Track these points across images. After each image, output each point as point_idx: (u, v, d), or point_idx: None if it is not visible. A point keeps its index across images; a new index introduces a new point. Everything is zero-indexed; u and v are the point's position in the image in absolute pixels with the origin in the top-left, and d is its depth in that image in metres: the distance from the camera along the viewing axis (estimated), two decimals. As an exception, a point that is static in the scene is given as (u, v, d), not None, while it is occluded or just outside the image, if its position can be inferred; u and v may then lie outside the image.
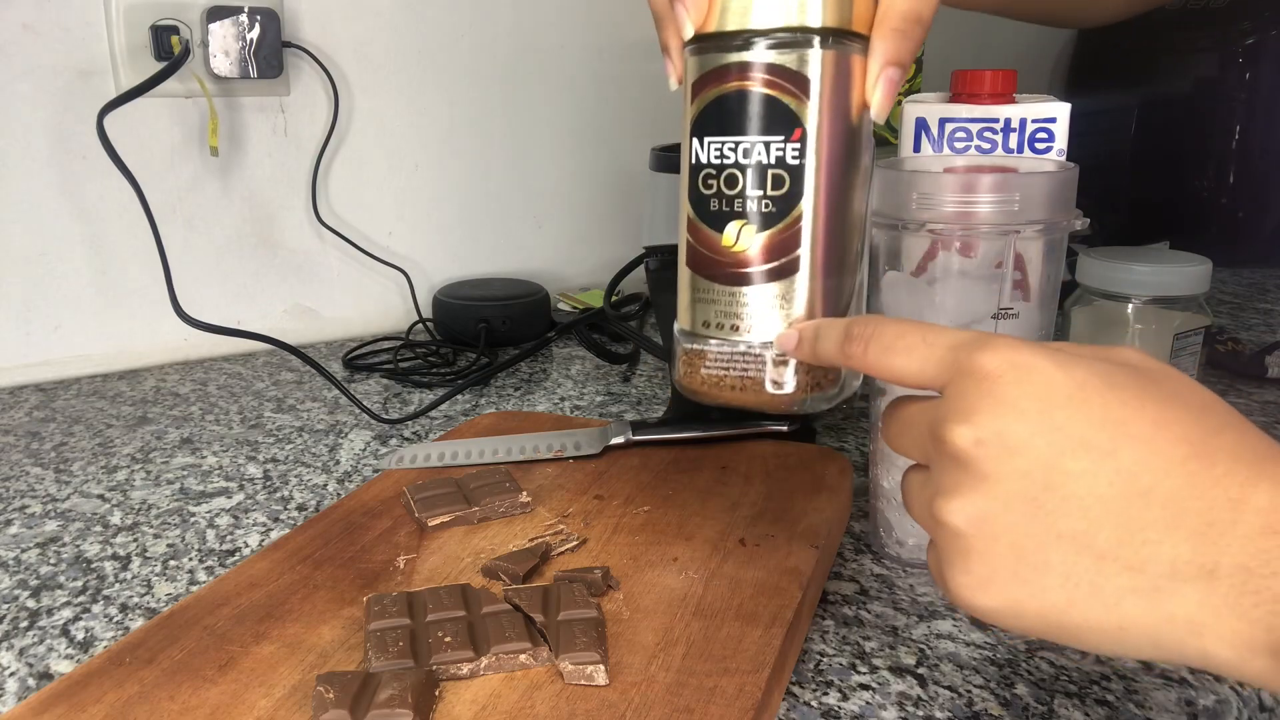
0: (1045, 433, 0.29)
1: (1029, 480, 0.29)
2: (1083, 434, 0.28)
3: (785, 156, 0.39)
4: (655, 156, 0.68)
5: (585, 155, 1.17)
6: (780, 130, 0.39)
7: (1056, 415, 0.29)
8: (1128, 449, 0.28)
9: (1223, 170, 1.29)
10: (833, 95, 0.39)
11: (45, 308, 0.89)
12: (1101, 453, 0.28)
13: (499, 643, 0.42)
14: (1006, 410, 0.29)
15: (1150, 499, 0.28)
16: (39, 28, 0.84)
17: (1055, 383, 0.29)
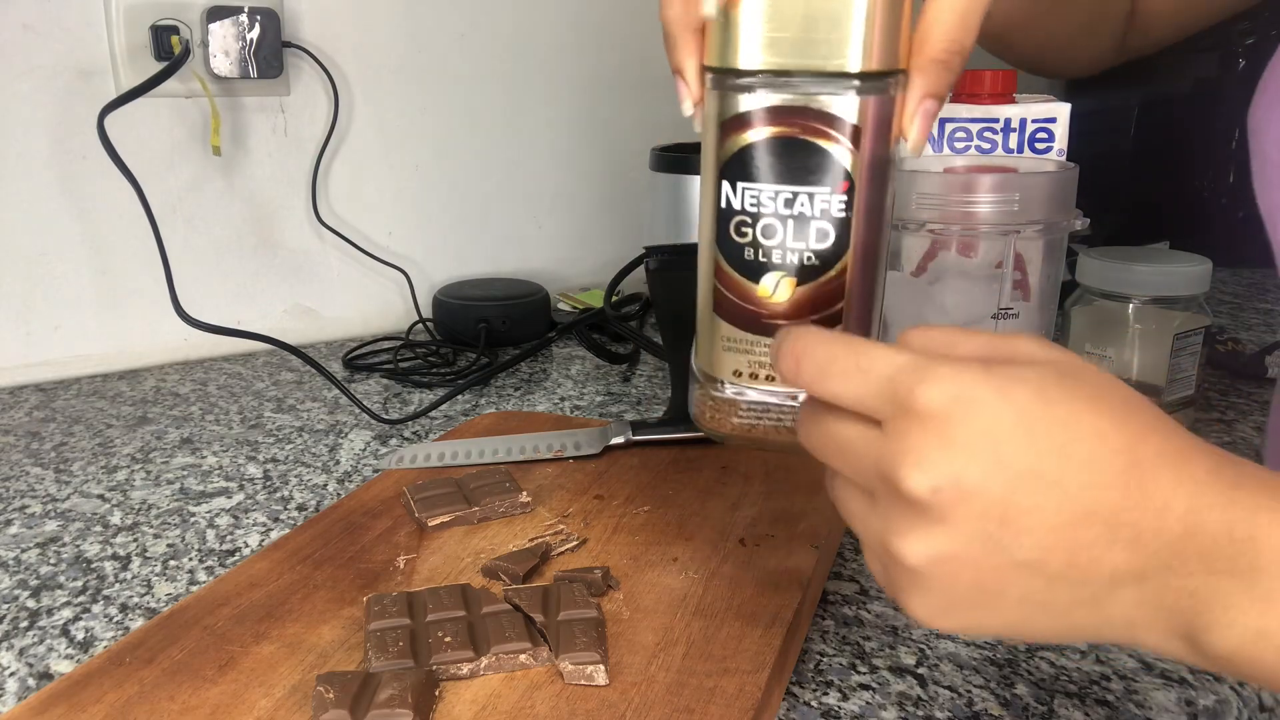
0: (998, 471, 0.30)
1: (986, 519, 0.30)
2: (1032, 465, 0.30)
3: (831, 209, 0.36)
4: (655, 156, 0.68)
5: (585, 155, 1.17)
6: (828, 182, 0.36)
7: (1005, 451, 0.30)
8: (1073, 473, 0.29)
9: (1223, 170, 1.29)
10: (875, 140, 0.36)
11: (45, 308, 0.89)
12: (1050, 482, 0.29)
13: (499, 643, 0.42)
14: (958, 453, 0.30)
15: (1094, 518, 0.29)
16: (39, 28, 0.84)
17: (1000, 415, 0.30)
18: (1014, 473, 0.30)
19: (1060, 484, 0.29)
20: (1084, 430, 0.30)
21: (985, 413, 0.30)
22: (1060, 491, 0.29)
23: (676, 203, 0.65)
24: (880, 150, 0.36)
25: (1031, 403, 0.30)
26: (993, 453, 0.30)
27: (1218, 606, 0.28)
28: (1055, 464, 0.30)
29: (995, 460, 0.30)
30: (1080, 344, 0.72)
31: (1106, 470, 0.29)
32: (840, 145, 0.35)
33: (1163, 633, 0.30)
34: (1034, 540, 0.30)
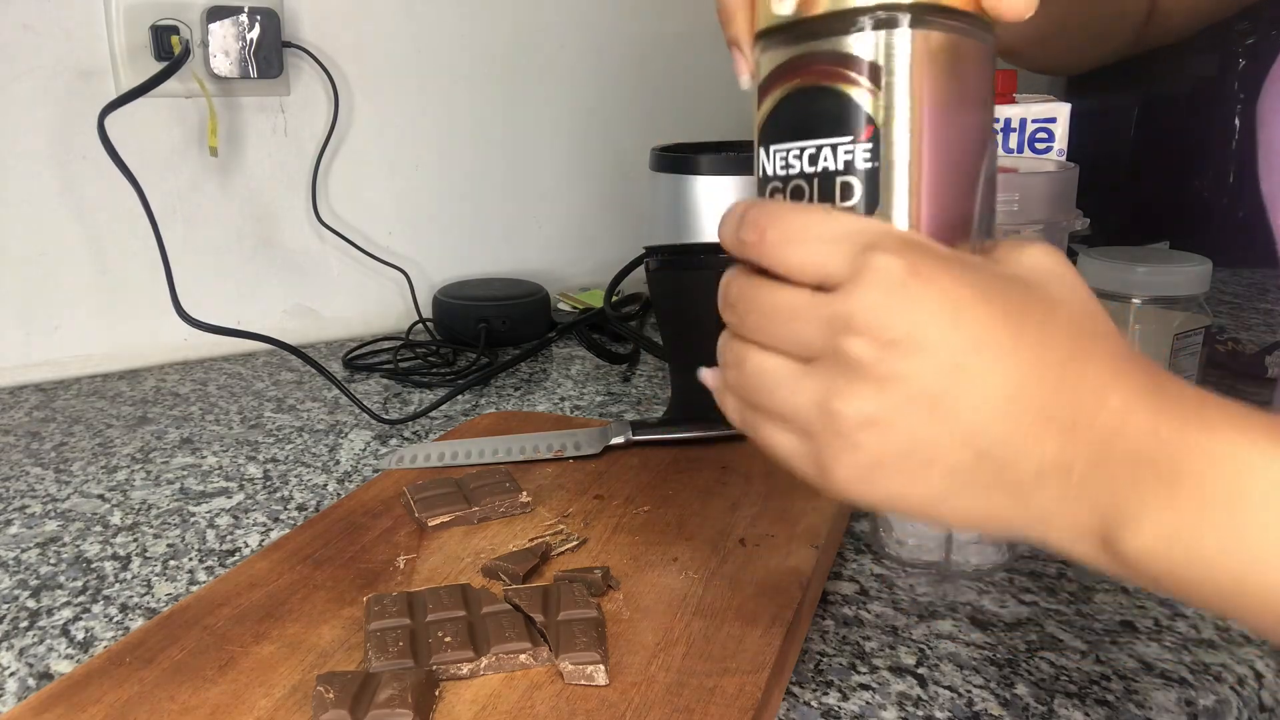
0: (955, 330, 0.30)
1: (934, 378, 0.30)
2: (986, 333, 0.30)
3: (856, 160, 0.33)
4: (655, 156, 0.68)
5: (585, 156, 1.17)
6: (848, 130, 0.33)
7: (963, 315, 0.30)
8: (1021, 348, 0.30)
9: (1223, 170, 1.29)
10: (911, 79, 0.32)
11: (45, 308, 0.89)
12: (1001, 351, 0.30)
13: (499, 643, 0.42)
14: (919, 310, 0.30)
15: (1032, 398, 0.30)
16: (39, 28, 0.84)
17: (960, 283, 0.30)
18: (969, 335, 0.30)
19: (1011, 354, 0.30)
20: (1033, 317, 0.30)
21: (946, 280, 0.30)
22: (1009, 362, 0.30)
23: (676, 203, 0.65)
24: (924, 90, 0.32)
25: (992, 283, 0.31)
26: (952, 315, 0.30)
27: (1135, 504, 0.29)
28: (1008, 338, 0.30)
29: (952, 322, 0.30)
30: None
31: (1050, 355, 0.30)
32: (858, 87, 0.32)
33: (1077, 531, 0.30)
34: (973, 407, 0.30)
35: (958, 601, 0.52)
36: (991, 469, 0.30)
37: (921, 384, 0.30)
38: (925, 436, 0.30)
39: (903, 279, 0.30)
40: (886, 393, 0.30)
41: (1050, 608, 0.52)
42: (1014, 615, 0.51)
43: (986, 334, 0.30)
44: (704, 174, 0.64)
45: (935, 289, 0.30)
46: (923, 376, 0.30)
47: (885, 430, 0.31)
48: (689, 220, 0.65)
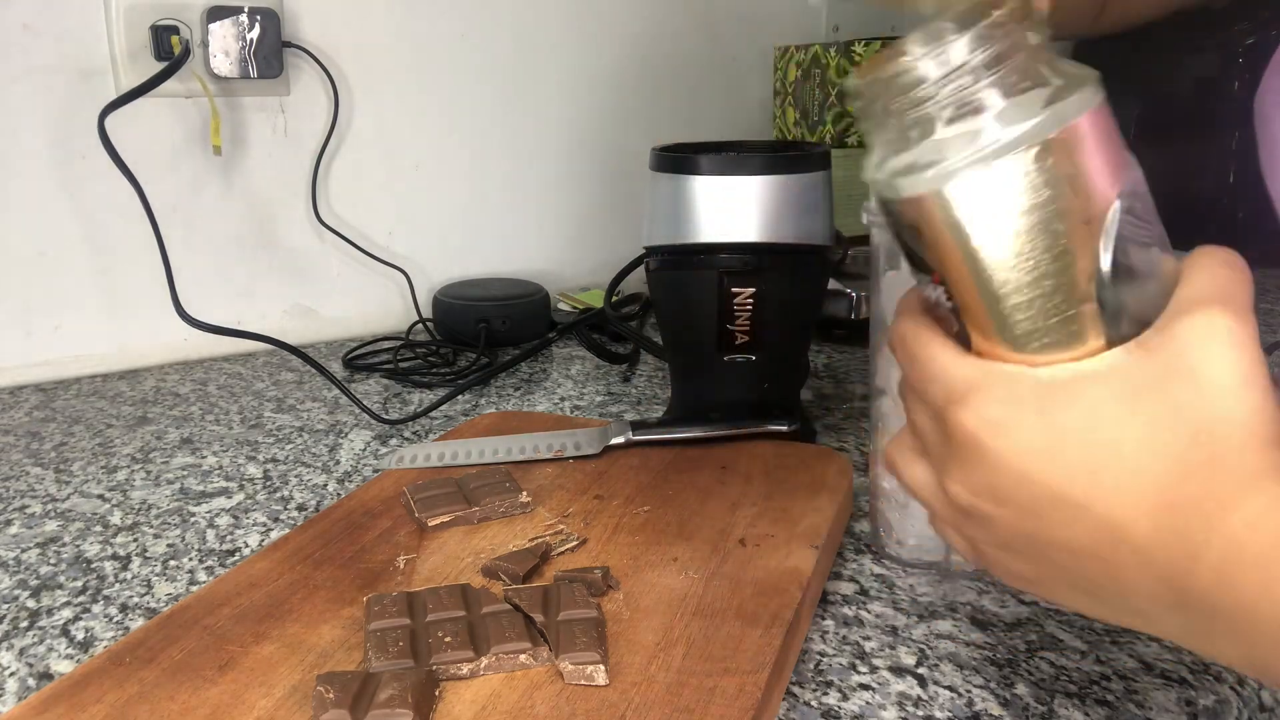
0: (1023, 486, 0.31)
1: (1021, 523, 0.32)
2: (1057, 489, 0.31)
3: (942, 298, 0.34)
4: (655, 156, 0.68)
5: (585, 155, 1.17)
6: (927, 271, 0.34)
7: (1031, 476, 0.31)
8: (1099, 501, 0.30)
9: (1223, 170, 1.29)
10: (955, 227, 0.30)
11: (45, 308, 0.89)
12: (1075, 504, 0.30)
13: (499, 643, 0.42)
14: (988, 468, 0.32)
15: (1121, 547, 0.30)
16: (39, 28, 0.84)
17: (1031, 436, 0.31)
18: (1038, 490, 0.31)
19: (1086, 508, 0.30)
20: (1123, 459, 0.29)
21: (1015, 433, 0.31)
22: (1087, 516, 0.30)
23: (676, 203, 0.65)
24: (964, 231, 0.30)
25: (1071, 424, 0.30)
26: (1020, 471, 0.31)
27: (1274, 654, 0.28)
28: (1081, 491, 0.30)
29: (1018, 482, 0.31)
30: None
31: (1136, 504, 0.29)
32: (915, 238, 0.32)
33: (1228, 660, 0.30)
34: (1066, 551, 0.31)
35: (958, 601, 0.52)
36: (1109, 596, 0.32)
37: (1012, 527, 0.32)
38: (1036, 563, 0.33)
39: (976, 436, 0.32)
40: (989, 529, 0.33)
41: (1050, 608, 0.52)
42: (1014, 615, 0.51)
43: (1057, 491, 0.31)
44: (704, 174, 0.64)
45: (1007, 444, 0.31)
46: (1011, 522, 0.32)
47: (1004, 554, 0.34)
48: (689, 220, 0.65)
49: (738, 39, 1.27)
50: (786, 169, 0.64)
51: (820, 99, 1.18)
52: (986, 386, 0.32)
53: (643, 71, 1.19)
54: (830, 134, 1.17)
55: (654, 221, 0.68)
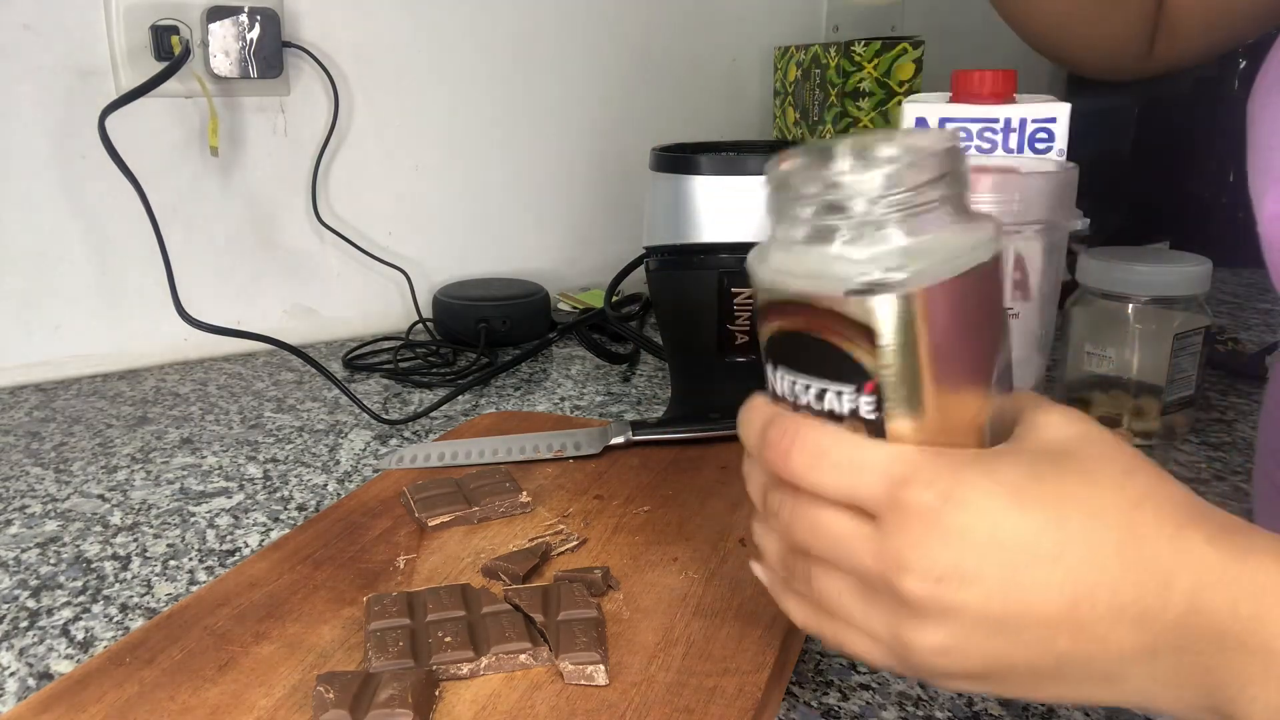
0: (996, 554, 0.30)
1: (990, 604, 0.30)
2: (1030, 543, 0.30)
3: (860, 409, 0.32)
4: (655, 156, 0.68)
5: (585, 156, 1.17)
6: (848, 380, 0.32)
7: (1001, 531, 0.30)
8: (1071, 549, 0.30)
9: (1223, 170, 1.29)
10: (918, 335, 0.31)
11: (45, 308, 0.89)
12: (1049, 559, 0.30)
13: (499, 643, 0.42)
14: (955, 541, 0.30)
15: (1096, 597, 0.29)
16: (39, 28, 0.84)
17: (993, 497, 0.30)
18: (1011, 551, 0.30)
19: (1060, 559, 0.30)
20: (1077, 503, 0.30)
21: (977, 499, 0.30)
22: (1061, 568, 0.30)
23: (676, 203, 0.65)
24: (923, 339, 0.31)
25: (1023, 480, 0.30)
26: (989, 535, 0.30)
27: (1235, 684, 0.28)
28: (1052, 539, 0.30)
29: (991, 542, 0.30)
30: (1080, 344, 0.72)
31: (1104, 544, 0.29)
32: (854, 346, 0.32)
33: (1186, 706, 0.30)
34: (1039, 621, 0.30)
35: (958, 601, 0.52)
36: (1076, 666, 0.30)
37: (981, 610, 0.30)
38: (999, 654, 0.31)
39: (938, 512, 0.30)
40: (951, 623, 0.31)
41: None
42: (1014, 615, 0.51)
43: (1032, 546, 0.30)
44: (704, 174, 0.64)
45: (969, 514, 0.30)
46: (979, 604, 0.30)
47: (960, 655, 0.31)
48: (689, 220, 0.65)
49: (738, 39, 1.27)
50: (786, 169, 0.64)
51: (820, 99, 1.18)
52: (929, 462, 0.31)
53: (643, 71, 1.19)
54: (830, 134, 1.17)
55: (654, 221, 0.68)
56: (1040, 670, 0.31)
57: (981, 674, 0.32)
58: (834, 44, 1.15)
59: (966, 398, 0.33)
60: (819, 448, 0.32)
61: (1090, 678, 0.31)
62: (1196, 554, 0.29)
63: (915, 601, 0.31)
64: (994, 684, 0.32)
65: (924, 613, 0.31)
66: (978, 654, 0.31)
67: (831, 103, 1.16)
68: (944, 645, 0.31)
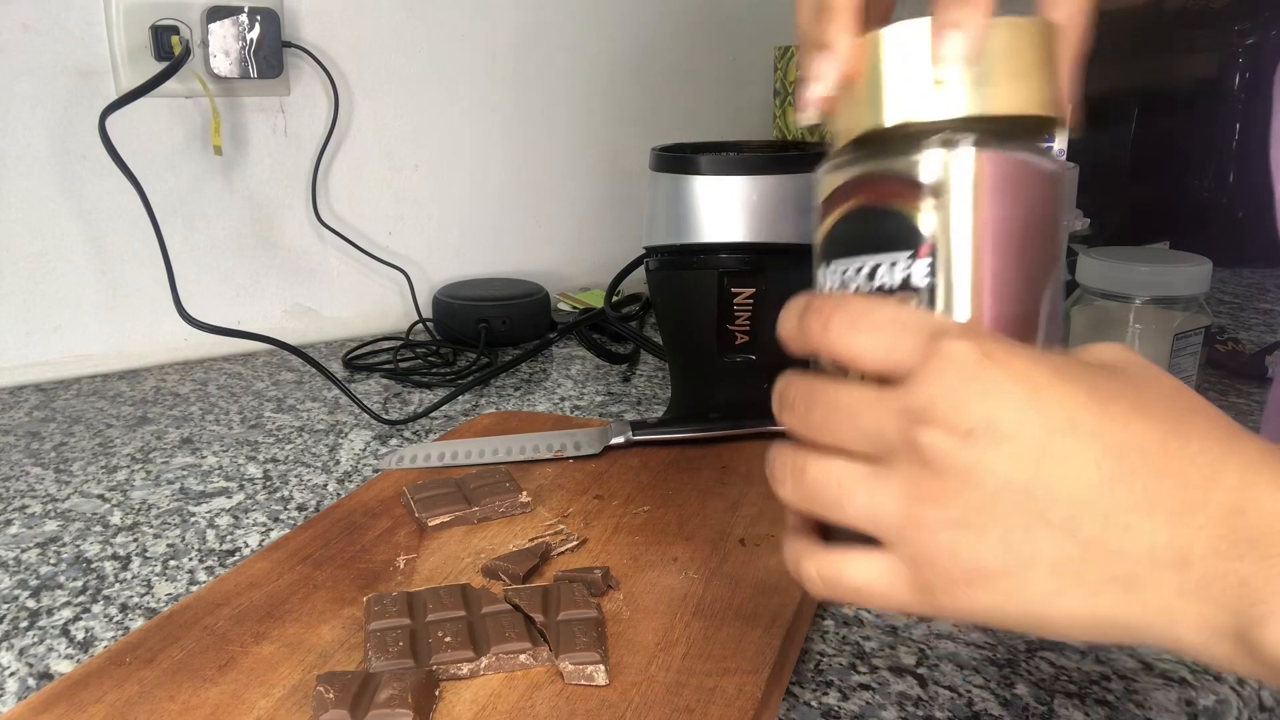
0: (1036, 414, 0.28)
1: (1020, 466, 0.28)
2: (1070, 414, 0.28)
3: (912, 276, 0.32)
4: (655, 156, 0.68)
5: (585, 155, 1.17)
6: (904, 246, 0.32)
7: (1043, 396, 0.28)
8: (1112, 428, 0.28)
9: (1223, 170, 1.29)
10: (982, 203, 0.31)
11: (45, 308, 0.89)
12: (1088, 433, 0.28)
13: (499, 643, 0.42)
14: (994, 395, 0.28)
15: (1133, 480, 0.27)
16: (39, 28, 0.84)
17: (1035, 367, 0.28)
18: (1052, 417, 0.28)
19: (1099, 436, 0.28)
20: (1124, 397, 0.28)
21: (1020, 364, 0.28)
22: (1100, 443, 0.27)
23: (676, 203, 0.65)
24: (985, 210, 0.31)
25: (1070, 366, 0.29)
26: (1030, 396, 0.28)
27: (1272, 598, 0.26)
28: (1093, 416, 0.28)
29: (1032, 404, 0.28)
30: (1080, 344, 0.72)
31: (1147, 433, 0.28)
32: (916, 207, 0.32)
33: (1209, 630, 0.27)
34: (1069, 494, 0.28)
35: (958, 601, 0.52)
36: (1099, 561, 0.28)
37: (1007, 473, 0.28)
38: (1021, 530, 0.28)
39: (976, 363, 0.28)
40: (972, 487, 0.28)
41: (1050, 608, 0.52)
42: (1014, 615, 0.51)
43: (1071, 415, 0.28)
44: (704, 174, 0.64)
45: (1010, 371, 0.28)
46: (1007, 465, 0.28)
47: (978, 530, 0.28)
48: (689, 220, 0.65)
49: (738, 39, 1.27)
50: (786, 169, 0.64)
51: (820, 99, 1.18)
52: (973, 325, 0.30)
53: (643, 71, 1.19)
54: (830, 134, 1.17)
55: (654, 221, 0.68)
56: (1061, 564, 0.28)
57: (998, 568, 0.29)
58: (834, 44, 1.15)
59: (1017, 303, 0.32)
60: (861, 309, 0.31)
61: (1113, 580, 0.28)
62: (1246, 455, 0.27)
63: (937, 459, 0.28)
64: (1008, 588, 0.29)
65: (945, 473, 0.28)
66: (997, 533, 0.28)
67: (831, 103, 1.16)
68: (962, 517, 0.28)
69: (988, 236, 0.32)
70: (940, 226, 0.32)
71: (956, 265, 0.32)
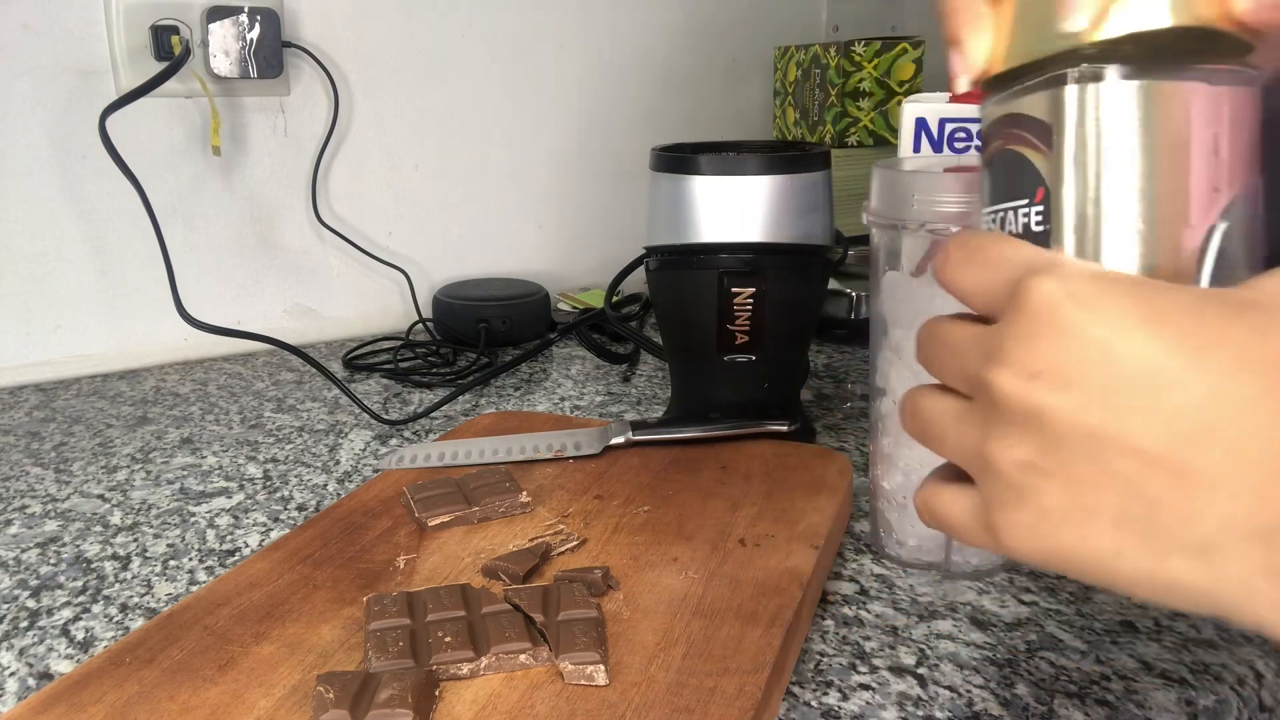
0: (1105, 363, 0.26)
1: (1083, 415, 0.27)
2: (1150, 365, 0.26)
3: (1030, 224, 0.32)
4: (655, 156, 0.68)
5: (585, 155, 1.17)
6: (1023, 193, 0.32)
7: (1120, 342, 0.26)
8: (1199, 380, 0.26)
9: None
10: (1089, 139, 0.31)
11: (45, 308, 0.89)
12: (1167, 385, 0.26)
13: (499, 643, 0.42)
14: (1065, 338, 0.27)
15: (1214, 441, 0.25)
16: (39, 28, 0.84)
17: (1127, 310, 0.27)
18: (1124, 365, 0.26)
19: (1179, 387, 0.26)
20: (1229, 343, 0.26)
21: (1108, 302, 0.27)
22: (1179, 394, 0.26)
23: (676, 203, 0.65)
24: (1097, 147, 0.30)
25: (1174, 309, 0.27)
26: (1104, 342, 0.27)
27: None
28: (1178, 366, 0.26)
29: (1104, 351, 0.26)
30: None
31: (1241, 390, 0.25)
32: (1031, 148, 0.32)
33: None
34: (1134, 449, 0.26)
35: (958, 601, 0.52)
36: (1167, 524, 0.26)
37: (1071, 421, 0.27)
38: (1086, 479, 0.27)
39: (1055, 305, 0.27)
40: (1037, 430, 0.28)
41: (1050, 608, 0.52)
42: (1014, 615, 0.51)
43: (1152, 368, 0.26)
44: (704, 174, 0.64)
45: (1092, 315, 0.27)
46: (1070, 412, 0.27)
47: (1044, 473, 0.28)
48: (689, 220, 0.65)
49: (738, 39, 1.28)
50: (786, 169, 0.64)
51: (820, 99, 1.18)
52: (1074, 264, 0.28)
53: (643, 71, 1.19)
54: (830, 134, 1.17)
55: (654, 221, 0.68)
56: (1125, 520, 0.27)
57: (1060, 514, 0.28)
58: (834, 44, 1.15)
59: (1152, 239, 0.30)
60: (976, 245, 0.31)
61: (1183, 546, 0.26)
62: None
63: (1005, 400, 0.28)
64: (1070, 537, 0.28)
65: (1011, 415, 0.28)
66: (1062, 478, 0.27)
67: (831, 103, 1.16)
68: (1028, 458, 0.28)
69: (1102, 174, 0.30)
70: (1052, 169, 0.31)
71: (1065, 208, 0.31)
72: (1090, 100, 0.30)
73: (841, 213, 0.72)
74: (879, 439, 0.55)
